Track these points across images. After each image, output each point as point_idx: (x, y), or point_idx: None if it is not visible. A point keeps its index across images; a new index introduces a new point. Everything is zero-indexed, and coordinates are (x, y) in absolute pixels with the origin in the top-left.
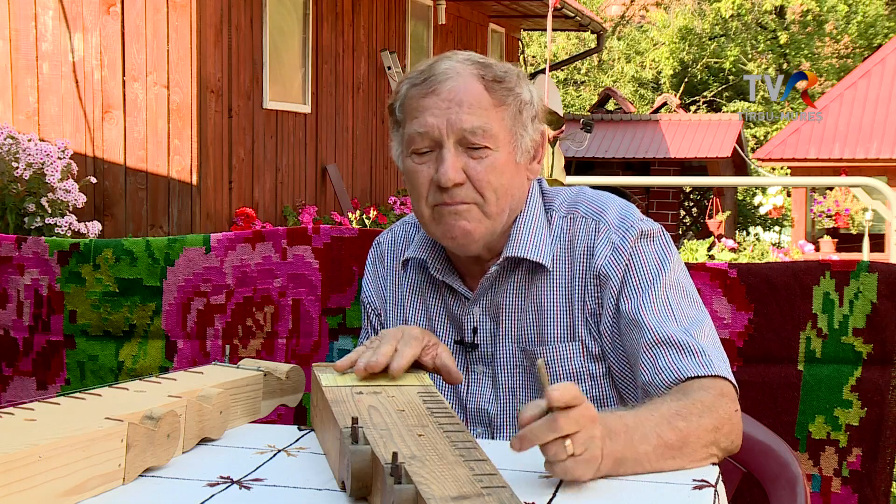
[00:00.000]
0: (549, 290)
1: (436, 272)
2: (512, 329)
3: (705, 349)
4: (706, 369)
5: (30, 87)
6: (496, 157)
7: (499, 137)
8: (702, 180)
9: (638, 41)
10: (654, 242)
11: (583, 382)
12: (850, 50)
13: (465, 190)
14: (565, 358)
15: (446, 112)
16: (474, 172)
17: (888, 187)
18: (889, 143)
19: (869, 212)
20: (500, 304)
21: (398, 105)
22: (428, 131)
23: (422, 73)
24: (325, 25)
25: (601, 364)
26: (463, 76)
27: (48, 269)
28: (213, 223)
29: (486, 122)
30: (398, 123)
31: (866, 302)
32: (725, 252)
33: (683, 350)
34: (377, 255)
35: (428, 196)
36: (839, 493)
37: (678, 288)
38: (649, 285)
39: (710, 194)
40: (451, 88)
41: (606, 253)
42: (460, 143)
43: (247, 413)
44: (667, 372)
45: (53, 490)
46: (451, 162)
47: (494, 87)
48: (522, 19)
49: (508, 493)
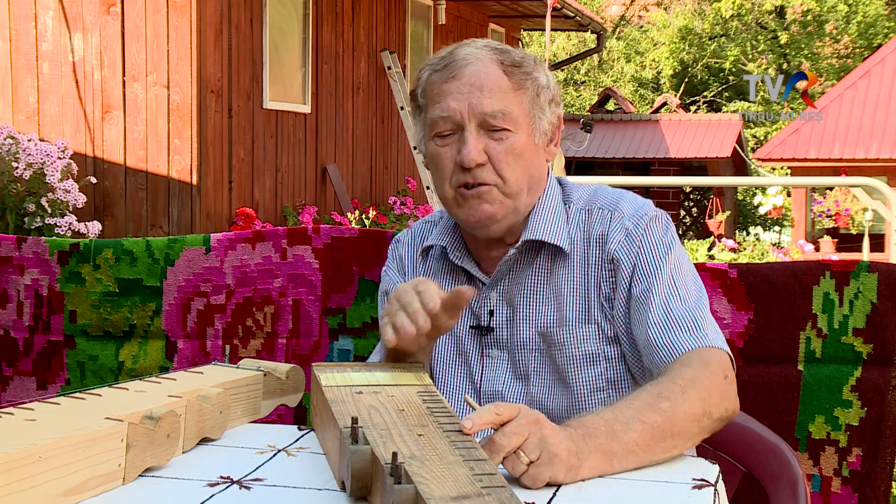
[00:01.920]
0: (568, 274)
1: (455, 258)
2: (531, 313)
3: (702, 324)
4: (700, 341)
5: (30, 87)
6: (516, 138)
7: (518, 120)
8: (702, 180)
9: (638, 41)
10: (661, 224)
11: (598, 364)
12: (850, 50)
13: (486, 171)
14: (582, 340)
15: (468, 96)
16: (495, 153)
17: (888, 187)
18: (889, 143)
19: (869, 212)
20: (518, 289)
21: (420, 91)
22: (450, 115)
23: (443, 59)
24: (325, 25)
25: (616, 346)
26: (483, 61)
27: (48, 269)
28: (213, 223)
29: (506, 105)
30: (420, 109)
31: (866, 302)
32: (725, 252)
33: (682, 327)
34: (397, 248)
35: (451, 177)
36: (839, 493)
37: (682, 266)
38: (657, 268)
39: (710, 194)
40: (471, 73)
41: (620, 238)
42: (481, 126)
43: (247, 413)
44: (665, 350)
45: (53, 490)
46: (473, 143)
47: (513, 71)
48: (522, 19)
49: (508, 493)
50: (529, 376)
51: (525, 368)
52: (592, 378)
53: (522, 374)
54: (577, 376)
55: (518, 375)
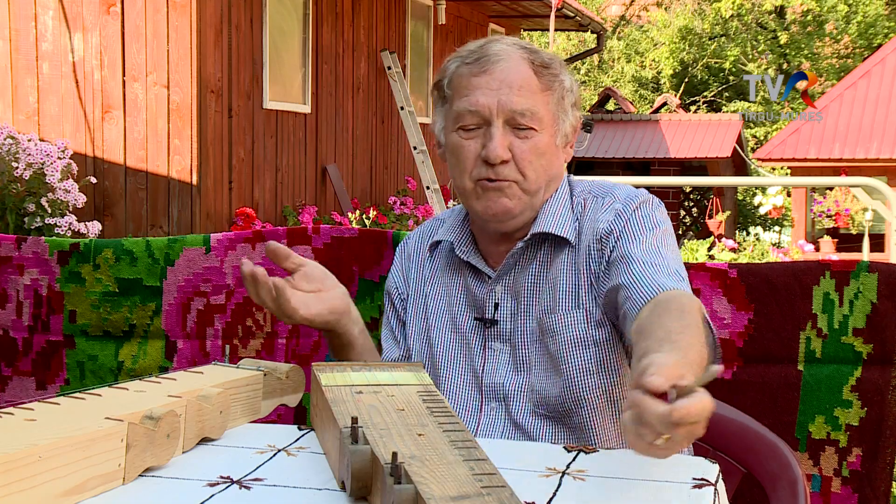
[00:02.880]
0: (566, 262)
1: (461, 253)
2: (533, 305)
3: (684, 277)
4: (683, 287)
5: (30, 87)
6: (540, 138)
7: (544, 120)
8: (702, 180)
9: (638, 41)
10: (651, 205)
11: (587, 348)
12: (850, 50)
13: (508, 168)
14: (570, 325)
15: (497, 92)
16: (519, 151)
17: (888, 187)
18: (889, 143)
19: (869, 212)
20: (522, 281)
21: (447, 81)
22: (479, 110)
23: (473, 53)
24: (325, 25)
25: (604, 330)
26: (514, 59)
27: (48, 269)
28: (213, 223)
29: (534, 104)
30: (445, 99)
31: (866, 302)
32: (725, 252)
33: (663, 272)
34: (406, 246)
35: (473, 171)
36: (839, 493)
37: (668, 241)
38: (642, 234)
39: (710, 194)
40: (502, 69)
41: (609, 218)
42: (508, 123)
43: (247, 413)
44: (648, 287)
45: (53, 490)
46: (500, 139)
47: (542, 71)
48: (522, 19)
49: (508, 493)
50: (531, 367)
51: (526, 359)
52: (583, 363)
53: (523, 366)
54: (567, 361)
55: (518, 367)
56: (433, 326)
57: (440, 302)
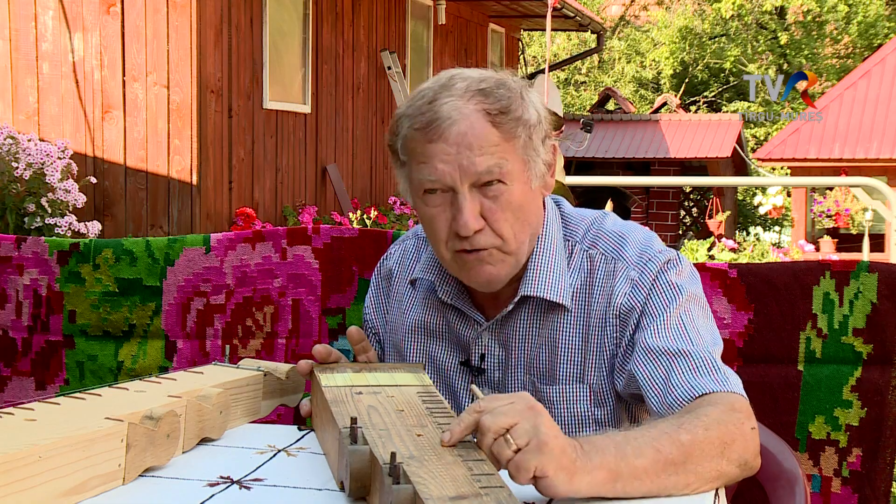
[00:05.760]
0: (565, 328)
1: (445, 295)
2: (524, 360)
3: (720, 366)
4: (721, 385)
5: (30, 87)
6: (511, 191)
7: (513, 172)
8: (702, 180)
9: (638, 41)
10: (672, 271)
11: (588, 427)
12: (850, 50)
13: (484, 236)
14: (572, 400)
15: (457, 157)
16: (491, 214)
17: (888, 187)
18: (889, 143)
19: (869, 212)
20: (512, 333)
21: (400, 145)
22: (440, 178)
23: (423, 116)
24: (325, 25)
25: (606, 408)
26: (469, 117)
27: (48, 269)
28: (213, 223)
29: (499, 159)
30: (402, 163)
31: (866, 302)
32: (725, 252)
33: (697, 367)
34: (384, 270)
35: (448, 242)
36: (839, 493)
37: (693, 309)
38: (664, 310)
39: (710, 194)
40: (457, 132)
41: (626, 291)
42: (474, 185)
43: (247, 413)
44: (680, 389)
45: (53, 490)
46: (469, 209)
47: (501, 119)
48: (522, 19)
49: (506, 493)
50: None
51: None
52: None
53: None
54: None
55: None
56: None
57: (421, 339)
